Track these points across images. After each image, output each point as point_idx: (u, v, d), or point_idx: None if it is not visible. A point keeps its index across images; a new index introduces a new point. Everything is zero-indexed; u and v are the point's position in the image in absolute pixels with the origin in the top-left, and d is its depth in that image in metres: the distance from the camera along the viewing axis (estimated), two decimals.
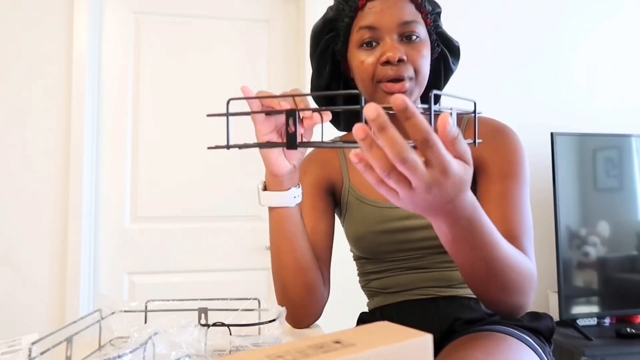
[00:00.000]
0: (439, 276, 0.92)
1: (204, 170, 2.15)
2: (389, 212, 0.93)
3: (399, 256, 0.93)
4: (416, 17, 0.86)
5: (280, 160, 0.79)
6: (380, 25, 0.85)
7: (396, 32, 0.85)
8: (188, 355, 0.62)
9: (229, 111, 0.61)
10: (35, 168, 1.99)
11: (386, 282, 0.96)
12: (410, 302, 0.93)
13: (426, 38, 0.87)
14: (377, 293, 0.99)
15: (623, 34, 2.47)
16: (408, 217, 0.91)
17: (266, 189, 0.84)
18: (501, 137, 0.89)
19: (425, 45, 0.86)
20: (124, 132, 2.12)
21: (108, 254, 2.08)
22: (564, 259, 2.05)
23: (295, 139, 0.60)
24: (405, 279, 0.93)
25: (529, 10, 2.38)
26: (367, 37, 0.86)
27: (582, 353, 1.84)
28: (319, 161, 1.02)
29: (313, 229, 0.95)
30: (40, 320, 1.95)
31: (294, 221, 0.84)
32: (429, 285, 0.92)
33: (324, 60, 0.96)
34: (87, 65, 2.02)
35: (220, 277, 2.13)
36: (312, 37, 0.97)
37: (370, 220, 0.94)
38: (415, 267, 0.93)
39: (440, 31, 0.92)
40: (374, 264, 0.97)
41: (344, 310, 1.41)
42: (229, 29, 2.22)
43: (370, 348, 0.37)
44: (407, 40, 0.85)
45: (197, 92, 2.17)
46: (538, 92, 2.36)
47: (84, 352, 0.74)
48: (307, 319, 0.91)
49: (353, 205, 0.97)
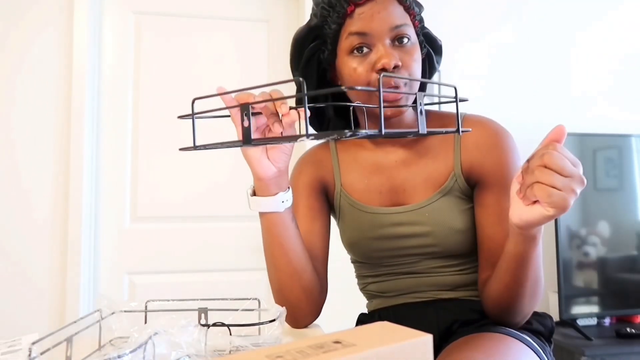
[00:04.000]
0: (436, 281, 0.91)
1: (204, 170, 2.15)
2: (381, 217, 0.92)
3: (394, 261, 0.93)
4: (406, 19, 0.85)
5: (265, 163, 0.79)
6: (370, 31, 0.83)
7: (387, 37, 0.83)
8: (188, 355, 0.62)
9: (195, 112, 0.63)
10: (35, 168, 1.99)
11: (383, 286, 0.96)
12: (408, 304, 0.93)
13: (416, 40, 0.87)
14: (375, 296, 0.99)
15: (623, 33, 2.46)
16: (400, 224, 0.91)
17: (255, 194, 0.83)
18: (501, 149, 0.88)
19: (416, 48, 0.86)
20: (124, 132, 2.12)
21: (108, 254, 2.08)
22: (564, 259, 2.05)
23: (250, 134, 0.58)
24: (402, 284, 0.93)
25: (528, 10, 2.38)
26: (357, 43, 0.84)
27: (582, 353, 1.84)
28: (313, 161, 1.01)
29: (309, 229, 0.95)
30: (40, 320, 1.95)
31: (285, 225, 0.84)
32: (427, 289, 0.92)
33: (310, 69, 0.94)
34: (87, 65, 2.02)
35: (220, 277, 2.13)
36: (294, 47, 0.94)
37: (363, 226, 0.93)
38: (411, 272, 0.93)
39: (425, 32, 0.92)
40: (370, 269, 0.97)
41: (344, 310, 1.41)
42: (229, 28, 2.22)
43: (370, 348, 0.37)
44: (399, 44, 0.84)
45: (196, 92, 2.16)
46: (538, 92, 2.35)
47: (84, 352, 0.74)
48: (306, 319, 0.92)
49: (345, 209, 0.97)
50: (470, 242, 0.90)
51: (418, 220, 0.89)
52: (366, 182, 0.94)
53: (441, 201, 0.89)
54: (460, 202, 0.90)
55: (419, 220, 0.89)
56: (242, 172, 2.19)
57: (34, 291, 1.96)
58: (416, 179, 0.91)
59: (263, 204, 0.82)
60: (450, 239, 0.88)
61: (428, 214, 0.89)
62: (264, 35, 2.23)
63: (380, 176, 0.94)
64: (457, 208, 0.89)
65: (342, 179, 0.97)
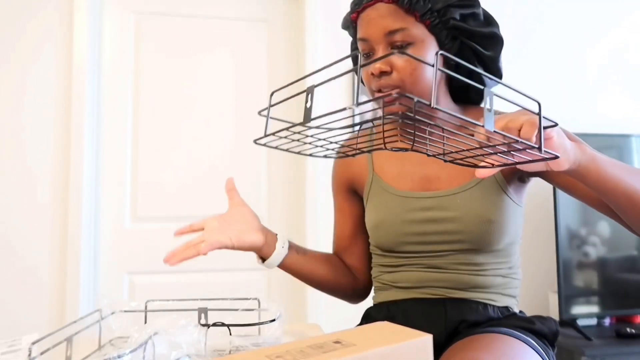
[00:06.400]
0: (452, 278, 0.91)
1: (204, 170, 2.15)
2: (412, 201, 0.93)
3: (416, 250, 0.93)
4: (405, 23, 0.84)
5: (251, 240, 0.92)
6: (369, 37, 0.87)
7: (384, 42, 0.85)
8: (188, 355, 0.62)
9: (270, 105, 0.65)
10: (35, 168, 1.99)
11: (397, 277, 0.95)
12: (417, 300, 0.93)
13: (424, 40, 0.85)
14: (385, 287, 0.98)
15: (624, 33, 2.46)
16: (430, 208, 0.91)
17: (263, 260, 0.97)
18: None
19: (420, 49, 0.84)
20: (124, 132, 2.12)
21: (108, 254, 2.08)
22: (564, 259, 2.05)
23: (310, 115, 0.58)
24: (416, 276, 0.93)
25: (529, 10, 2.38)
26: (363, 48, 0.89)
27: (582, 353, 1.84)
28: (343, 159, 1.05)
29: (342, 232, 1.08)
30: (40, 320, 1.95)
31: (299, 263, 0.99)
32: (439, 286, 0.92)
33: None
34: (87, 65, 2.02)
35: (220, 277, 2.13)
36: None
37: (392, 209, 0.94)
38: (429, 265, 0.92)
39: (454, 24, 0.86)
40: (388, 258, 0.97)
41: (344, 310, 1.41)
42: (229, 28, 2.22)
43: (370, 348, 0.37)
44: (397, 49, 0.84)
45: (197, 92, 2.17)
46: (538, 92, 2.36)
47: (84, 352, 0.74)
48: (360, 299, 1.11)
49: (376, 192, 0.98)
50: (498, 235, 0.89)
51: (448, 206, 0.90)
52: (400, 168, 0.97)
53: (474, 189, 0.90)
54: (495, 192, 0.89)
55: (449, 205, 0.90)
56: (243, 172, 2.20)
57: (34, 291, 1.96)
58: (451, 168, 0.92)
59: (271, 263, 0.96)
60: (478, 228, 0.88)
61: (459, 200, 0.89)
62: (264, 35, 2.23)
63: (414, 164, 0.96)
64: (490, 198, 0.89)
65: (375, 166, 1.00)
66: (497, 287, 0.92)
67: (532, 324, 0.88)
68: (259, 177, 2.20)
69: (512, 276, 0.94)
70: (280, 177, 2.21)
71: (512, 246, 0.93)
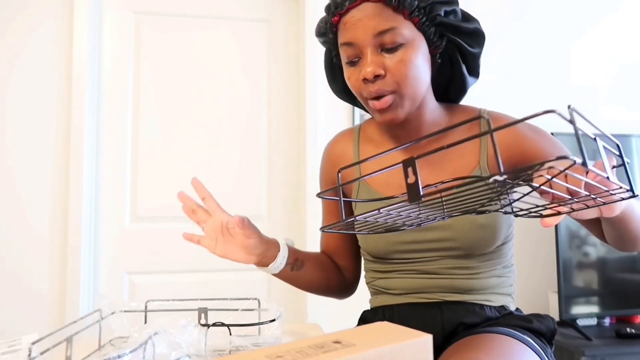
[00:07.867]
0: (446, 283, 0.90)
1: (203, 170, 2.15)
2: None
3: (408, 257, 0.91)
4: (394, 22, 0.80)
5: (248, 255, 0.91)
6: (355, 40, 0.82)
7: (373, 45, 0.81)
8: (188, 355, 0.62)
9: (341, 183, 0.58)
10: (35, 168, 1.99)
11: (391, 283, 0.94)
12: (413, 304, 0.92)
13: (414, 39, 0.82)
14: (380, 292, 0.98)
15: (624, 33, 2.46)
16: None
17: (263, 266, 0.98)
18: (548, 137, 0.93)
19: (411, 48, 0.82)
20: (124, 132, 2.12)
21: (108, 254, 2.08)
22: (564, 259, 2.05)
23: (418, 190, 0.47)
24: (411, 283, 0.92)
25: (530, 9, 2.38)
26: (349, 54, 0.84)
27: (582, 353, 1.84)
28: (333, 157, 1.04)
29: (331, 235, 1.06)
30: (40, 320, 1.95)
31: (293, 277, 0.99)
32: (434, 291, 0.91)
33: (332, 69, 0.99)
34: (87, 65, 2.02)
35: (220, 277, 2.12)
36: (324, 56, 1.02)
37: None
38: (422, 271, 0.91)
39: (441, 21, 0.84)
40: (380, 264, 0.96)
41: (344, 310, 1.41)
42: (229, 29, 2.22)
43: (370, 348, 0.37)
44: (387, 50, 0.81)
45: (197, 92, 2.17)
46: (538, 92, 2.36)
47: (84, 352, 0.74)
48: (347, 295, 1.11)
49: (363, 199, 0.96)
50: (490, 239, 0.88)
51: None
52: (387, 174, 0.93)
53: None
54: None
55: None
56: (242, 172, 2.20)
57: (34, 291, 1.96)
58: (440, 173, 0.90)
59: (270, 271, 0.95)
60: (470, 233, 0.86)
61: None
62: (264, 35, 2.23)
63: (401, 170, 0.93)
64: None
65: (362, 170, 0.97)
66: (493, 288, 0.91)
67: (529, 322, 0.88)
68: (259, 177, 2.20)
69: (507, 275, 0.94)
70: (280, 177, 2.21)
71: (505, 246, 0.93)
